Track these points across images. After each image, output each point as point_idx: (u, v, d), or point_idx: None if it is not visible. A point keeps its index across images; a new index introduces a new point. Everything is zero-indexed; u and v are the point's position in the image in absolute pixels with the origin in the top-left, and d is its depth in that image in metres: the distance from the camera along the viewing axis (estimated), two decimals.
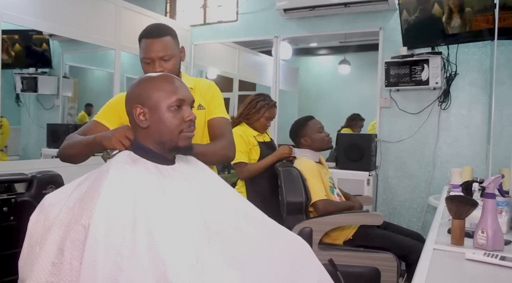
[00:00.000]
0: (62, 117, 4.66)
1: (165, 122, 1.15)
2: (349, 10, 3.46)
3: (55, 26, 2.96)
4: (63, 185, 2.06)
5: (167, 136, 1.16)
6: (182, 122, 1.17)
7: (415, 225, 3.31)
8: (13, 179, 1.91)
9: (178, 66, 1.58)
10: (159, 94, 1.15)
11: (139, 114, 1.16)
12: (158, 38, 1.51)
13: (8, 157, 3.85)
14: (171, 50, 1.52)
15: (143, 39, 1.54)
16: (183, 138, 1.18)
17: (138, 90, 1.18)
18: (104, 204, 0.95)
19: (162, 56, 1.50)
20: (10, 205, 1.83)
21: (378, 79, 3.45)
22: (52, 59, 4.59)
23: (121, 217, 0.95)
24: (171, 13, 4.58)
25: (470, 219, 1.38)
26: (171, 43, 1.53)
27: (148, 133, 1.16)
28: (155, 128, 1.15)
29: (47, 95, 4.64)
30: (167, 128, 1.15)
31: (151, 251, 0.92)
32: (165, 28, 1.55)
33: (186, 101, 1.18)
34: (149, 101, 1.15)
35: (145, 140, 1.17)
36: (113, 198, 0.97)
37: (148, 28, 1.55)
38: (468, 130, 3.21)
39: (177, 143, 1.17)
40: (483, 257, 1.13)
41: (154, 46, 1.50)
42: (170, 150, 1.18)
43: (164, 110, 1.15)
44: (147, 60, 1.51)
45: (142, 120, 1.16)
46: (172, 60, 1.53)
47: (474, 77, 3.18)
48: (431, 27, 3.02)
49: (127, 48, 3.51)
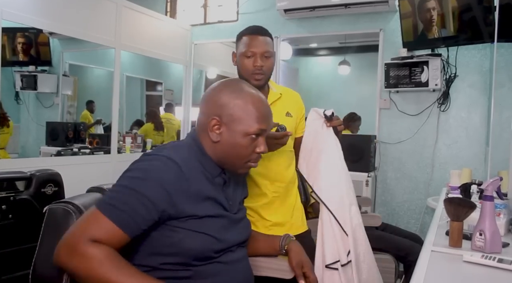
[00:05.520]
0: (62, 115, 4.66)
1: (237, 148, 1.08)
2: (349, 11, 3.46)
3: (55, 24, 2.95)
4: (62, 184, 2.07)
5: (232, 160, 1.09)
6: (252, 152, 1.10)
7: (413, 227, 3.31)
8: (12, 177, 1.91)
9: (272, 69, 1.64)
10: (243, 117, 1.07)
11: (214, 126, 1.07)
12: (262, 36, 1.59)
13: (8, 155, 3.85)
14: (272, 49, 1.60)
15: (245, 36, 1.60)
16: (246, 167, 1.12)
17: (224, 99, 1.08)
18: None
19: (264, 51, 1.57)
20: (9, 203, 1.83)
21: (377, 80, 3.45)
22: (52, 57, 4.59)
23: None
24: (171, 12, 4.58)
25: (468, 221, 1.38)
26: (271, 43, 1.62)
27: (215, 147, 1.09)
28: (224, 147, 1.08)
29: (47, 93, 4.64)
30: (236, 155, 1.09)
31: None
32: (266, 30, 1.64)
33: (266, 131, 1.11)
34: (229, 117, 1.07)
35: (209, 150, 1.10)
36: None
37: (252, 27, 1.63)
38: (467, 132, 3.22)
39: (237, 170, 1.13)
40: (481, 259, 1.13)
41: (258, 42, 1.57)
42: (226, 169, 1.12)
43: (241, 135, 1.07)
44: (249, 53, 1.57)
45: (214, 133, 1.08)
46: (271, 59, 1.59)
47: (474, 79, 3.19)
48: (431, 29, 3.02)
49: (127, 47, 3.51)
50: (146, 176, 0.98)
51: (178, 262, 1.01)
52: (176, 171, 1.00)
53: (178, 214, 1.00)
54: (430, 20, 3.02)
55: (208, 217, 1.05)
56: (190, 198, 1.02)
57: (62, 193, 2.03)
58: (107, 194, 1.00)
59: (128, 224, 0.94)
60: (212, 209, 1.06)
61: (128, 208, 0.94)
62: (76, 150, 3.64)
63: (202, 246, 1.02)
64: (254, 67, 1.57)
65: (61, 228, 0.96)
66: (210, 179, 1.09)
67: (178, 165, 1.01)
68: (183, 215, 1.00)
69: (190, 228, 1.01)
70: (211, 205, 1.07)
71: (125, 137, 3.82)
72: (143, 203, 0.95)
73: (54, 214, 1.00)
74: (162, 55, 3.98)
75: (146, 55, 3.83)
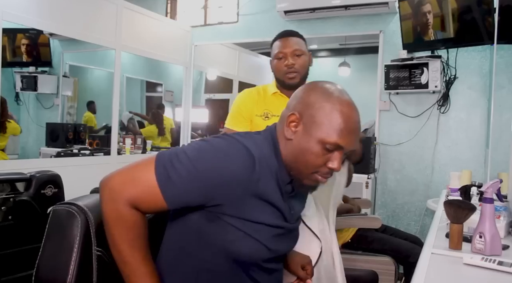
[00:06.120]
0: (62, 116, 4.66)
1: (307, 155, 0.97)
2: (349, 13, 3.46)
3: (56, 25, 2.96)
4: (61, 185, 2.07)
5: (299, 166, 0.98)
6: (323, 165, 0.98)
7: (413, 229, 3.31)
8: (12, 179, 1.91)
9: (307, 67, 1.67)
10: (324, 122, 0.95)
11: (292, 122, 0.99)
12: (290, 37, 1.64)
13: (7, 156, 3.85)
14: (303, 48, 1.64)
15: (275, 41, 1.67)
16: (313, 179, 1.00)
17: (313, 98, 0.99)
18: None
19: (294, 50, 1.61)
20: (9, 205, 1.83)
21: (377, 82, 3.45)
22: (52, 58, 4.59)
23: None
24: (171, 13, 4.59)
25: (468, 223, 1.38)
26: (301, 43, 1.66)
27: (287, 144, 1.00)
28: (295, 149, 0.98)
29: (47, 94, 4.65)
30: (305, 161, 0.97)
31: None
32: (296, 31, 1.70)
33: (343, 150, 0.98)
34: (310, 118, 0.97)
35: (282, 147, 1.01)
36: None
37: (281, 32, 1.69)
38: (467, 133, 3.22)
39: (302, 180, 1.00)
40: (481, 262, 1.13)
41: (287, 42, 1.63)
42: (292, 175, 1.01)
43: (315, 140, 0.96)
44: (280, 54, 1.62)
45: (290, 129, 0.99)
46: (302, 57, 1.63)
47: (474, 81, 3.19)
48: (427, 32, 3.03)
49: (128, 48, 3.51)
50: (216, 159, 0.92)
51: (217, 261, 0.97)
52: (249, 168, 0.93)
53: (233, 212, 0.94)
54: (426, 23, 3.02)
55: (265, 225, 0.98)
56: (253, 200, 0.95)
57: (62, 194, 2.03)
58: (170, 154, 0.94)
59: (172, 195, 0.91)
60: (272, 218, 0.99)
61: (180, 181, 0.90)
62: (76, 151, 3.65)
63: (250, 252, 0.97)
64: (285, 67, 1.60)
65: (65, 230, 0.96)
66: (280, 185, 1.00)
67: (254, 162, 0.93)
68: (238, 215, 0.94)
69: (244, 230, 0.95)
70: (273, 213, 0.99)
71: (125, 139, 3.82)
72: (198, 186, 0.91)
73: (58, 215, 0.99)
74: (162, 56, 3.98)
75: (146, 56, 3.83)
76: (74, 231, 0.95)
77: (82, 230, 0.95)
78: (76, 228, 0.95)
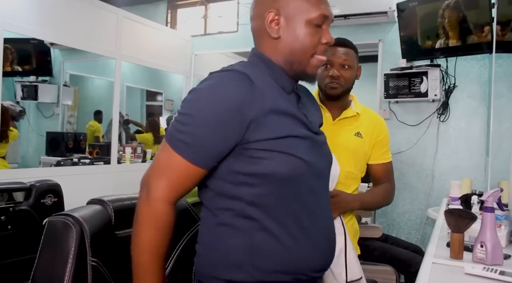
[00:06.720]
0: (62, 125, 4.67)
1: (300, 38, 0.99)
2: (348, 22, 3.48)
3: (56, 35, 2.97)
4: (61, 194, 2.06)
5: (298, 56, 1.01)
6: (318, 43, 1.01)
7: (414, 237, 3.30)
8: (12, 188, 1.90)
9: (352, 81, 1.63)
10: (301, 3, 0.99)
11: (272, 21, 1.00)
12: (342, 47, 1.59)
13: (8, 165, 3.85)
14: (352, 60, 1.59)
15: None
16: (314, 63, 1.02)
17: None
18: None
19: (343, 60, 1.57)
20: (8, 214, 1.82)
21: (377, 90, 3.46)
22: (52, 68, 4.61)
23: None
24: (172, 23, 4.62)
25: (469, 232, 1.38)
26: (352, 54, 1.61)
27: (277, 46, 1.01)
28: (287, 42, 1.00)
29: (47, 103, 4.66)
30: (301, 46, 1.00)
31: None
32: (351, 42, 1.64)
33: (329, 20, 1.02)
34: (287, 8, 0.99)
35: (272, 53, 1.02)
36: None
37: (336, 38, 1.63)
38: (467, 142, 3.22)
39: (305, 68, 1.02)
40: (482, 271, 1.13)
41: (337, 51, 1.58)
42: (295, 74, 1.03)
43: (302, 23, 0.99)
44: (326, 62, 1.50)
45: (273, 28, 1.00)
46: (350, 71, 1.58)
47: (473, 90, 3.20)
48: (429, 40, 3.04)
49: (128, 57, 3.53)
50: (214, 97, 0.92)
51: (261, 193, 0.95)
52: (249, 84, 0.92)
53: (260, 136, 0.92)
54: (425, 33, 3.04)
55: (292, 137, 0.96)
56: (270, 117, 0.93)
57: (61, 204, 2.02)
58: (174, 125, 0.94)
59: (200, 157, 0.91)
60: (295, 129, 0.97)
61: (198, 140, 0.91)
62: (76, 160, 3.64)
63: (289, 169, 0.95)
64: (329, 76, 1.55)
65: (61, 241, 0.96)
66: (284, 94, 1.01)
67: (249, 78, 0.93)
68: (265, 136, 0.93)
69: (276, 149, 0.93)
70: (293, 124, 0.98)
71: (125, 148, 3.82)
72: (215, 132, 0.90)
73: (54, 226, 0.99)
74: (163, 66, 4.00)
75: (146, 65, 3.85)
76: (69, 242, 0.96)
77: (77, 241, 0.96)
78: (71, 239, 0.96)
